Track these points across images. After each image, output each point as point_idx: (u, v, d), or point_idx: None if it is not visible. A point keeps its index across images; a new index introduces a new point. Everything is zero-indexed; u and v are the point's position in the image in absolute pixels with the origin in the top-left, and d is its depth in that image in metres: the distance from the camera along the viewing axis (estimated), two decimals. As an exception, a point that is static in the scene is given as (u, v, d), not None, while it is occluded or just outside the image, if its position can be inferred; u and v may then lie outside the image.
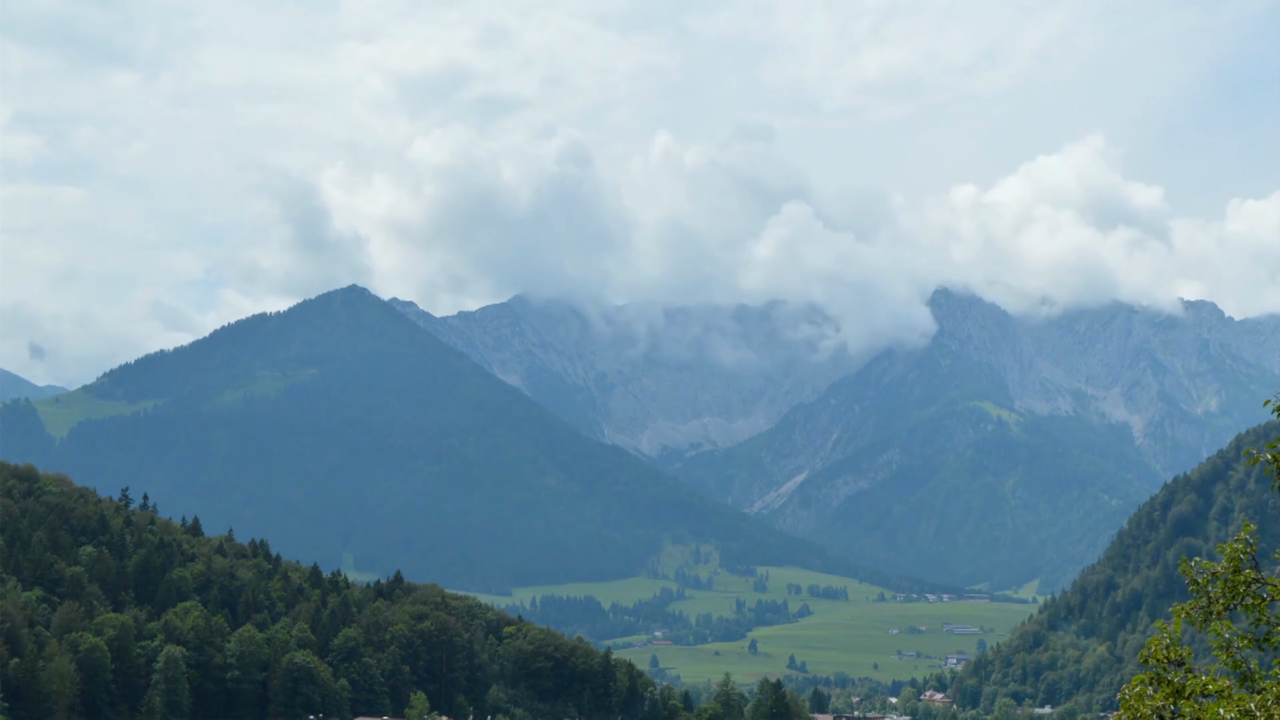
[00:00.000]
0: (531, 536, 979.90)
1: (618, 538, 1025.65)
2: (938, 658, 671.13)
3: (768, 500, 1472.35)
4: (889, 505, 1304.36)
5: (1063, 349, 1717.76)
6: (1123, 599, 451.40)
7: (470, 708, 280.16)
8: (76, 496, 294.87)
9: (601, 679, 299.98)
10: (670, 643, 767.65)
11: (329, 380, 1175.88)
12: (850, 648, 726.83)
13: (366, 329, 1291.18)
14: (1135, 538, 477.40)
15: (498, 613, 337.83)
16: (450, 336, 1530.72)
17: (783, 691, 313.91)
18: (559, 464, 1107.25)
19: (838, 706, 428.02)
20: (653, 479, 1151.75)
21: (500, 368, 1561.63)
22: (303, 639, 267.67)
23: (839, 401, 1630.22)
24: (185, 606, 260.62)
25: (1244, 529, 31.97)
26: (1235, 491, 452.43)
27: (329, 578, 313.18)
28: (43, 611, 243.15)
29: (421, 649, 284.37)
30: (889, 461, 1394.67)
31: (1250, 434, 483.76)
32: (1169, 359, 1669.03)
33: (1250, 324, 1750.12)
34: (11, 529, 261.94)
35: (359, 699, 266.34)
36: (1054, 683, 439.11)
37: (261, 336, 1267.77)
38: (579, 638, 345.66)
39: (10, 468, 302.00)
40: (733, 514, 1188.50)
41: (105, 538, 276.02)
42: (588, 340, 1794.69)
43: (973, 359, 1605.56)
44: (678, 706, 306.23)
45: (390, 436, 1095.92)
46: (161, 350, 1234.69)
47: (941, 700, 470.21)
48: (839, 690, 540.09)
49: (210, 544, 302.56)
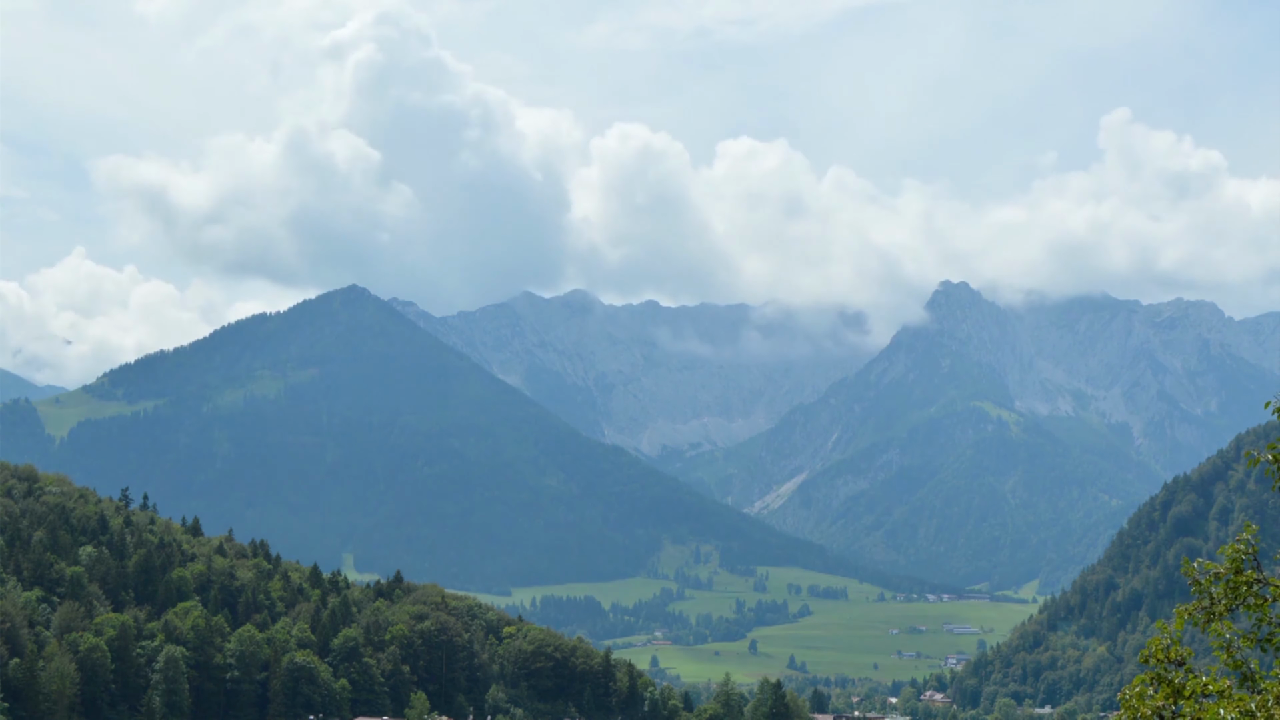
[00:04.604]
0: (531, 536, 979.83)
1: (618, 538, 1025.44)
2: (938, 658, 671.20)
3: (768, 500, 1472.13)
4: (889, 505, 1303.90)
5: (1063, 349, 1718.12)
6: (1123, 599, 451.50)
7: (470, 708, 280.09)
8: (76, 496, 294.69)
9: (601, 679, 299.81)
10: (670, 643, 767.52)
11: (329, 380, 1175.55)
12: (850, 648, 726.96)
13: (366, 329, 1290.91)
14: (1135, 538, 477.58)
15: (498, 613, 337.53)
16: (450, 336, 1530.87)
17: (783, 691, 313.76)
18: (559, 464, 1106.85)
19: (838, 706, 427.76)
20: (653, 479, 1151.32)
21: (500, 368, 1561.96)
22: (303, 639, 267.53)
23: (839, 401, 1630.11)
24: (185, 606, 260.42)
25: (1245, 529, 31.94)
26: (1235, 491, 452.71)
27: (329, 578, 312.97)
28: (43, 611, 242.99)
29: (421, 649, 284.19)
30: (889, 461, 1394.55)
31: (1250, 434, 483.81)
32: (1169, 359, 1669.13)
33: (1250, 324, 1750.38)
34: (11, 529, 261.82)
35: (359, 699, 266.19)
36: (1054, 683, 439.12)
37: (261, 336, 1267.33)
38: (579, 638, 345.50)
39: (10, 468, 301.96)
40: (733, 514, 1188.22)
41: (105, 538, 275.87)
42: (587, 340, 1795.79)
43: (973, 359, 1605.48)
44: (678, 707, 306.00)
45: (390, 436, 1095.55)
46: (161, 350, 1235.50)
47: (941, 700, 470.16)
48: (839, 690, 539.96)
49: (210, 544, 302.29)
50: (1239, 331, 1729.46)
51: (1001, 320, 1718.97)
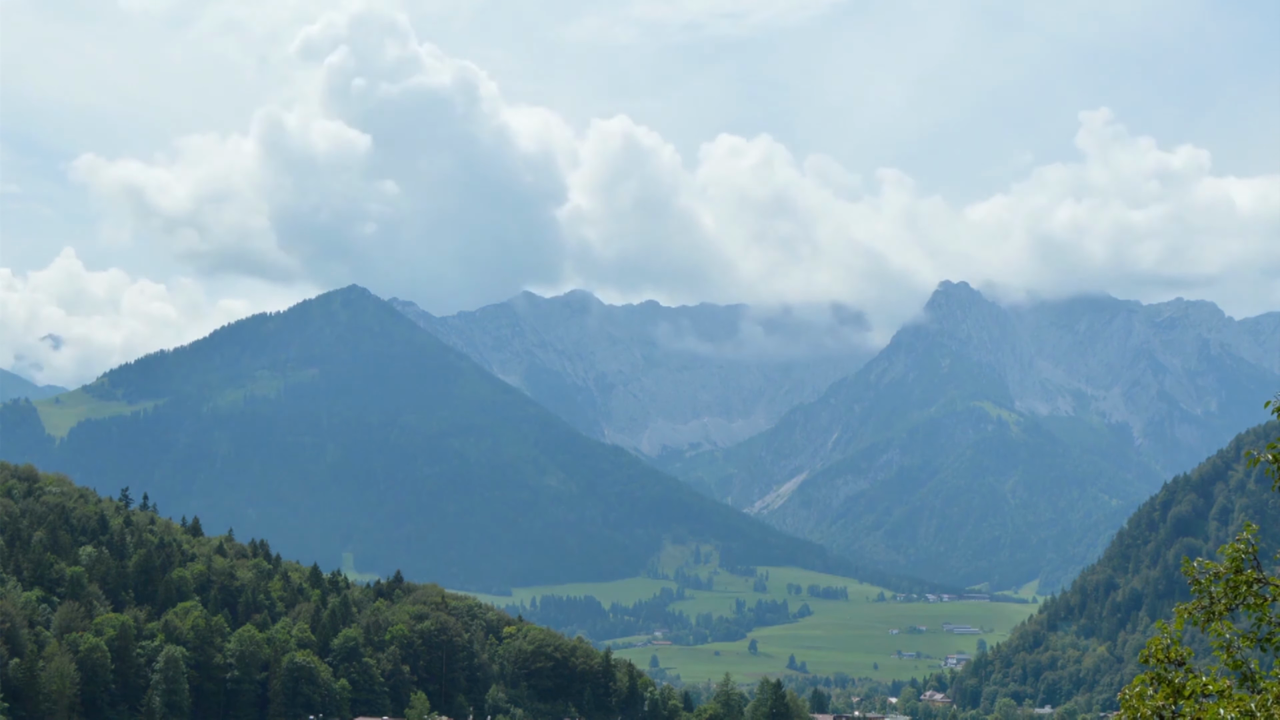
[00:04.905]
0: (531, 536, 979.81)
1: (618, 538, 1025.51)
2: (938, 658, 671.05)
3: (768, 500, 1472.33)
4: (889, 505, 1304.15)
5: (1063, 349, 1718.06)
6: (1123, 599, 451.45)
7: (470, 708, 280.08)
8: (76, 496, 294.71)
9: (601, 679, 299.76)
10: (670, 643, 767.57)
11: (329, 380, 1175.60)
12: (850, 648, 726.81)
13: (366, 329, 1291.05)
14: (1135, 538, 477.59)
15: (498, 613, 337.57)
16: (450, 336, 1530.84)
17: (783, 691, 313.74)
18: (559, 464, 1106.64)
19: (838, 706, 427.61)
20: (653, 479, 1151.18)
21: (500, 368, 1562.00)
22: (303, 639, 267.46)
23: (839, 401, 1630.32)
24: (185, 606, 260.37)
25: (1245, 529, 31.94)
26: (1235, 491, 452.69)
27: (329, 578, 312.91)
28: (43, 611, 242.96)
29: (421, 649, 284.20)
30: (889, 461, 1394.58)
31: (1250, 434, 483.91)
32: (1169, 359, 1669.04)
33: (1250, 324, 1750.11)
34: (11, 529, 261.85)
35: (359, 699, 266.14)
36: (1054, 683, 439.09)
37: (261, 336, 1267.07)
38: (579, 638, 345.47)
39: (10, 468, 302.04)
40: (733, 514, 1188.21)
41: (105, 538, 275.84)
42: (587, 340, 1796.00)
43: (973, 359, 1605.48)
44: (678, 707, 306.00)
45: (390, 436, 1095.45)
46: (161, 350, 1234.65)
47: (941, 700, 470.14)
48: (839, 690, 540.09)
49: (210, 544, 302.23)
50: (1239, 331, 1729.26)
51: (1001, 320, 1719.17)
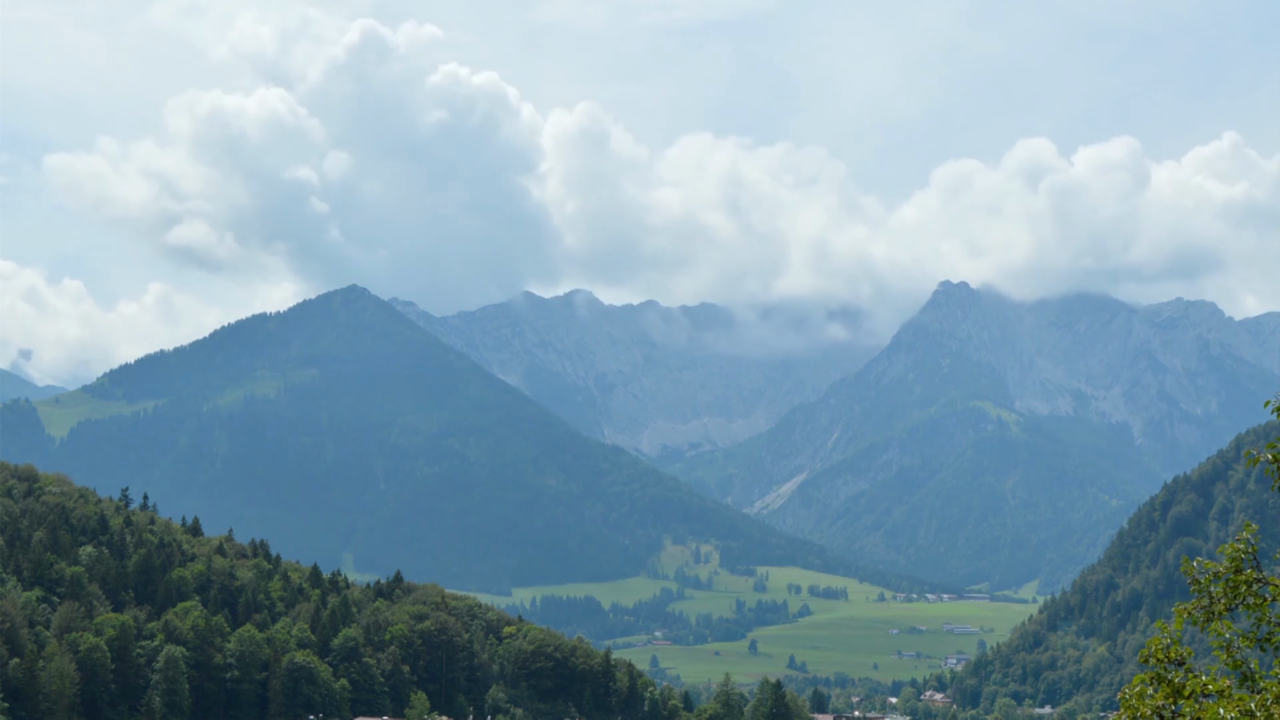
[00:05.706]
0: (531, 536, 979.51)
1: (618, 538, 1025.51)
2: (938, 658, 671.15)
3: (768, 500, 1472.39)
4: (889, 505, 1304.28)
5: (1063, 349, 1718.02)
6: (1123, 599, 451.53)
7: (470, 708, 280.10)
8: (76, 496, 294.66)
9: (601, 679, 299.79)
10: (670, 643, 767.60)
11: (329, 380, 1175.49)
12: (850, 648, 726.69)
13: (366, 329, 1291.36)
14: (1135, 538, 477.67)
15: (498, 613, 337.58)
16: (450, 336, 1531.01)
17: (783, 691, 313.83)
18: (559, 464, 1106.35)
19: (838, 706, 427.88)
20: (653, 479, 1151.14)
21: (500, 368, 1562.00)
22: (303, 639, 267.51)
23: (839, 401, 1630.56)
24: (185, 606, 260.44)
25: (1245, 529, 31.96)
26: (1235, 491, 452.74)
27: (329, 578, 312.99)
28: (43, 611, 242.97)
29: (421, 649, 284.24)
30: (889, 462, 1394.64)
31: (1250, 434, 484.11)
32: (1169, 359, 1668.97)
33: (1250, 324, 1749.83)
34: (11, 529, 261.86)
35: (359, 699, 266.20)
36: (1054, 683, 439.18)
37: (261, 336, 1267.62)
38: (579, 638, 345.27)
39: (10, 468, 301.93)
40: (733, 514, 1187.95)
41: (105, 538, 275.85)
42: (587, 340, 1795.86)
43: (973, 359, 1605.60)
44: (678, 707, 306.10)
45: (390, 436, 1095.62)
46: (161, 350, 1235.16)
47: (941, 700, 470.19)
48: (839, 690, 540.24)
49: (210, 544, 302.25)
50: (1239, 331, 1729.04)
51: (1002, 320, 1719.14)
